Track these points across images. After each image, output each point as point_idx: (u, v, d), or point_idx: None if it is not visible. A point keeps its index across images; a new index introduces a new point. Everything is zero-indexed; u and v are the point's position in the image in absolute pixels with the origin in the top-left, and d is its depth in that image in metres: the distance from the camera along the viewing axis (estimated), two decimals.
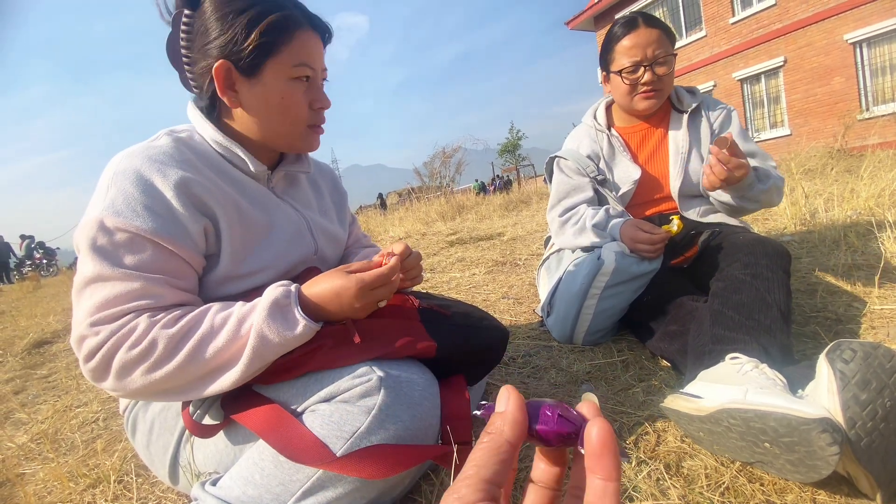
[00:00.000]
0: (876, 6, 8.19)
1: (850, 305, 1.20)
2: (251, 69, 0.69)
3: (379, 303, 0.67)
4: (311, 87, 0.74)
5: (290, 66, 0.70)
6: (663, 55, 1.23)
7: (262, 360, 0.60)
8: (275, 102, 0.71)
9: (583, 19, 13.28)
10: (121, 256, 0.61)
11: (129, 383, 0.60)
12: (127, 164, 0.64)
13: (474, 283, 2.13)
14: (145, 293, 0.62)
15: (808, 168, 4.64)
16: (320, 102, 0.75)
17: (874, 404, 0.57)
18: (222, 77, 0.69)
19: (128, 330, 0.59)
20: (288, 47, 0.69)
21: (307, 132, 0.77)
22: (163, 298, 0.63)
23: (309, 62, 0.72)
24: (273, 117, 0.72)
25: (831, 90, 9.08)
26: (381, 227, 5.54)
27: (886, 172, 2.63)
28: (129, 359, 0.58)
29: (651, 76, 1.24)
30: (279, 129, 0.74)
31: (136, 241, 0.62)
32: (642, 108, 1.30)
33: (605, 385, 1.02)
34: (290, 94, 0.71)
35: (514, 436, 0.24)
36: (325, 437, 0.58)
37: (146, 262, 0.62)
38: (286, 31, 0.69)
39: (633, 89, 1.27)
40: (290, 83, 0.71)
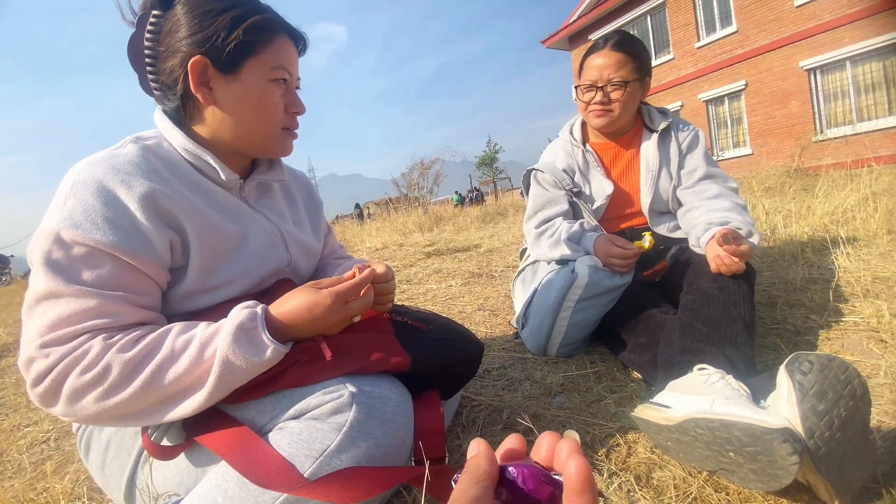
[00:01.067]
0: (827, 36, 8.77)
1: (808, 318, 1.26)
2: (230, 66, 0.68)
3: (353, 318, 0.66)
4: (287, 91, 0.74)
5: (269, 67, 0.70)
6: (619, 79, 1.27)
7: (227, 387, 0.58)
8: (252, 101, 0.70)
9: (558, 38, 13.68)
10: (77, 272, 0.58)
11: (81, 410, 0.56)
12: (88, 173, 0.61)
13: (450, 294, 2.13)
14: (102, 312, 0.58)
15: (767, 186, 4.87)
16: (295, 107, 0.76)
17: (830, 414, 0.59)
18: (197, 72, 0.67)
19: (80, 353, 0.56)
20: (268, 49, 0.69)
21: (282, 135, 0.76)
22: (121, 317, 0.60)
23: (287, 66, 0.72)
24: (249, 116, 0.71)
25: (789, 113, 9.61)
26: (358, 238, 5.49)
27: (839, 191, 2.79)
28: (80, 384, 0.55)
29: (601, 97, 1.29)
30: (254, 129, 0.72)
31: (94, 255, 0.58)
32: (594, 125, 1.36)
33: (578, 396, 1.03)
34: (268, 95, 0.71)
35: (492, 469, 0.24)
36: (293, 455, 0.56)
37: (104, 278, 0.59)
38: (268, 33, 0.69)
39: (587, 106, 1.34)
40: (268, 84, 0.71)
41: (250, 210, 0.78)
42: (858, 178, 3.23)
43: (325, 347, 0.62)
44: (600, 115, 1.32)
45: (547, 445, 0.32)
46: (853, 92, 8.79)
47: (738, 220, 1.13)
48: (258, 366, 0.58)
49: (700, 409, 0.67)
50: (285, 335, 0.63)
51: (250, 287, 0.74)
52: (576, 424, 0.91)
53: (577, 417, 0.93)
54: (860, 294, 1.33)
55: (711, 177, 1.32)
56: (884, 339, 1.07)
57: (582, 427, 0.90)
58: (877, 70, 8.46)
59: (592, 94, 1.30)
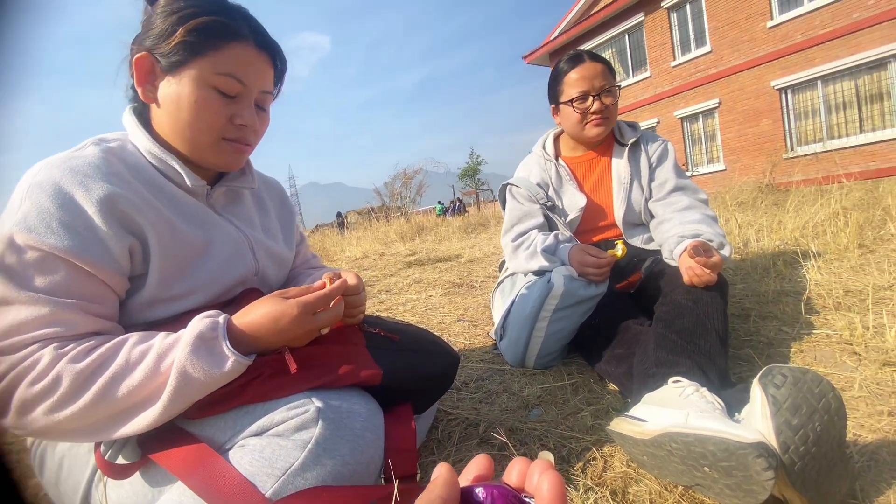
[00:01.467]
0: (798, 57, 9.15)
1: (780, 330, 1.28)
2: (172, 67, 0.65)
3: (322, 329, 0.63)
4: (237, 102, 0.69)
5: (212, 72, 0.65)
6: (608, 86, 1.32)
7: (183, 401, 0.55)
8: (186, 104, 0.66)
9: (539, 55, 13.96)
10: (30, 278, 0.55)
11: (31, 423, 0.53)
12: (45, 175, 0.58)
13: (430, 304, 2.11)
14: (54, 320, 0.55)
15: (740, 201, 5.01)
16: (241, 119, 0.69)
17: (805, 429, 0.59)
18: (141, 69, 0.66)
19: (30, 363, 0.53)
20: (216, 54, 0.65)
21: (221, 144, 0.70)
22: (75, 326, 0.56)
23: (239, 76, 0.67)
24: (183, 119, 0.67)
25: (760, 131, 9.97)
26: (338, 247, 5.42)
27: (809, 206, 2.88)
28: (29, 395, 0.52)
29: (599, 105, 1.32)
30: (186, 134, 0.68)
31: (48, 260, 0.55)
32: (593, 136, 1.36)
33: (555, 409, 1.01)
34: (205, 100, 0.66)
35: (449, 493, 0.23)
36: (254, 474, 0.53)
37: (58, 284, 0.56)
38: (217, 38, 0.65)
39: (584, 117, 1.34)
40: (207, 90, 0.66)
41: (217, 217, 0.75)
42: (829, 193, 3.35)
43: (290, 360, 0.59)
44: (599, 124, 1.34)
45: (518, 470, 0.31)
46: (824, 110, 9.16)
47: (709, 233, 1.14)
48: (217, 378, 0.55)
49: (675, 422, 0.66)
50: (249, 347, 0.60)
51: (215, 297, 0.71)
52: (552, 438, 0.89)
53: (553, 431, 0.92)
54: (832, 307, 1.36)
55: (682, 189, 1.35)
56: (857, 351, 1.08)
57: (558, 441, 0.88)
58: (848, 89, 8.83)
59: (588, 103, 1.32)
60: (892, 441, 0.76)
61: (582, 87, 1.31)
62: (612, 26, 12.20)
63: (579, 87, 1.32)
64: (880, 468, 0.71)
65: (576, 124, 1.37)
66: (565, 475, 0.78)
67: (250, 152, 0.77)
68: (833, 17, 8.61)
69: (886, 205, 2.51)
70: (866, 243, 1.99)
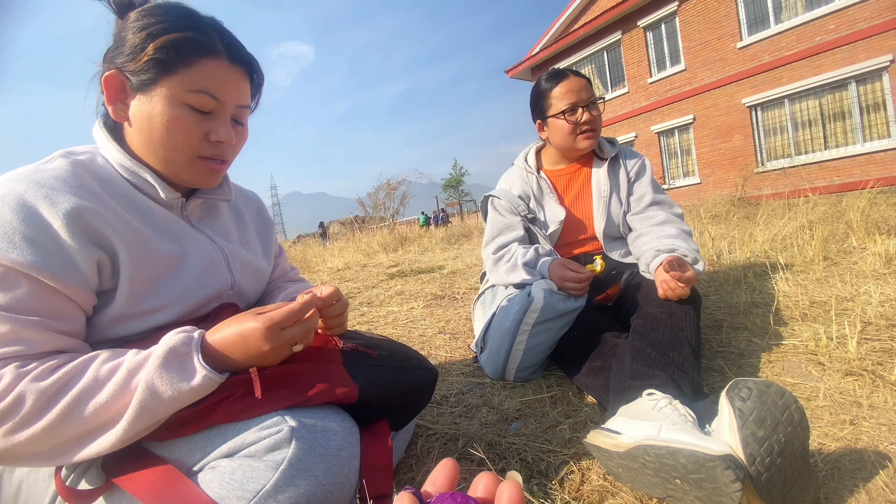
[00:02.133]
0: (766, 76, 9.56)
1: (751, 341, 1.32)
2: (143, 85, 0.64)
3: (294, 346, 0.62)
4: (212, 118, 0.68)
5: (183, 90, 0.64)
6: (593, 98, 1.36)
7: (149, 418, 0.53)
8: (158, 123, 0.65)
9: (521, 69, 14.25)
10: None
11: None
12: (9, 188, 0.56)
13: (412, 317, 2.10)
14: (15, 338, 0.53)
15: (714, 214, 5.17)
16: (217, 135, 0.68)
17: (770, 440, 0.61)
18: (111, 87, 0.65)
19: None
20: (187, 70, 0.64)
21: (196, 163, 0.69)
22: (36, 344, 0.55)
23: (213, 92, 0.66)
24: (156, 138, 0.66)
25: (732, 146, 10.33)
26: (320, 258, 5.37)
27: (778, 220, 2.99)
28: None
29: (588, 116, 1.35)
30: (160, 153, 0.67)
31: (8, 276, 0.54)
32: (583, 147, 1.39)
33: (535, 422, 1.02)
34: (177, 119, 0.65)
35: None
36: (224, 497, 0.52)
37: (19, 300, 0.54)
38: (187, 54, 0.64)
39: (575, 129, 1.37)
40: (180, 107, 0.65)
41: (192, 230, 0.74)
42: (796, 207, 3.48)
43: (256, 382, 0.58)
44: (589, 136, 1.38)
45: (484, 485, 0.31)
46: (791, 127, 9.56)
47: (684, 248, 1.18)
48: (186, 393, 0.54)
49: (648, 435, 0.67)
50: (221, 364, 0.59)
51: (187, 312, 0.69)
52: (531, 452, 0.89)
53: (532, 444, 0.92)
54: (799, 318, 1.41)
55: (658, 203, 1.40)
56: (822, 361, 1.12)
57: (537, 455, 0.88)
58: (813, 107, 9.25)
59: (578, 114, 1.35)
60: (853, 449, 0.79)
61: (570, 99, 1.35)
62: (591, 43, 12.56)
63: (568, 99, 1.35)
64: (843, 476, 0.73)
65: (567, 136, 1.38)
66: (543, 489, 0.78)
67: (226, 168, 0.75)
68: (798, 39, 9.05)
69: (849, 218, 2.62)
70: (830, 255, 2.07)
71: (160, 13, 0.65)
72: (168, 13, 0.66)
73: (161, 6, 0.67)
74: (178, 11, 0.67)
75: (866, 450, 0.78)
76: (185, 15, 0.67)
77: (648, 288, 1.14)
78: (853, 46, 8.40)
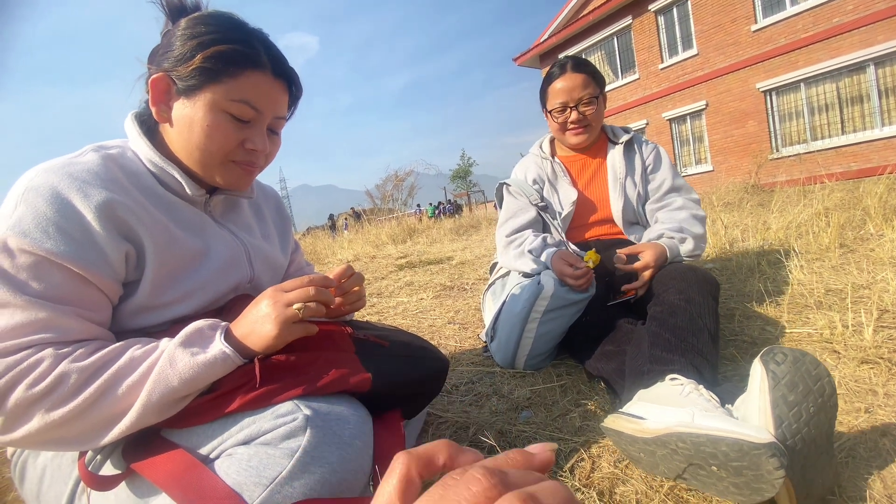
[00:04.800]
0: (782, 60, 9.32)
1: (764, 329, 1.30)
2: (188, 90, 0.66)
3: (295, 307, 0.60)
4: (250, 127, 0.70)
5: (226, 98, 0.66)
6: (588, 96, 1.37)
7: (166, 389, 0.55)
8: (198, 128, 0.67)
9: (529, 57, 14.05)
10: (25, 282, 0.55)
11: (21, 425, 0.53)
12: (43, 179, 0.58)
13: (421, 308, 2.11)
14: (50, 325, 0.55)
15: (727, 201, 5.09)
16: (252, 143, 0.70)
17: (800, 407, 0.60)
18: (157, 89, 0.67)
19: (28, 366, 0.52)
20: (232, 81, 0.66)
21: (230, 166, 0.71)
22: (69, 332, 0.56)
23: (254, 103, 0.68)
24: (194, 142, 0.68)
25: (746, 132, 10.12)
26: (330, 251, 5.40)
27: (793, 207, 2.93)
28: (27, 397, 0.52)
29: (577, 116, 1.38)
30: (196, 156, 0.69)
31: (43, 265, 0.55)
32: (574, 143, 1.44)
33: (544, 411, 1.02)
34: (217, 125, 0.67)
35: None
36: (242, 484, 0.53)
37: (54, 289, 0.56)
38: (234, 66, 0.66)
39: (564, 127, 1.42)
40: (221, 115, 0.67)
41: (215, 225, 0.76)
42: (811, 193, 3.42)
43: (257, 370, 0.59)
44: (579, 133, 1.41)
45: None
46: (807, 112, 9.33)
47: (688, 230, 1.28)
48: (201, 366, 0.56)
49: (681, 421, 0.67)
50: (243, 351, 0.60)
51: (206, 304, 0.71)
52: (541, 440, 0.90)
53: (542, 433, 0.93)
54: (813, 306, 1.39)
55: (677, 189, 1.42)
56: (837, 349, 1.11)
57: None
58: (830, 91, 9.00)
59: (567, 114, 1.39)
60: (868, 438, 0.78)
61: (561, 98, 1.38)
62: (600, 29, 12.32)
63: (559, 98, 1.38)
64: (857, 464, 0.73)
65: (557, 132, 1.45)
66: (553, 477, 0.79)
67: (259, 173, 0.78)
68: (814, 21, 8.79)
69: (866, 205, 2.56)
70: (847, 243, 2.03)
71: (211, 23, 0.67)
72: (219, 23, 0.67)
73: (212, 15, 0.69)
74: (229, 23, 0.68)
75: (881, 438, 0.78)
76: (235, 27, 0.68)
77: (665, 276, 1.14)
78: (872, 28, 8.13)
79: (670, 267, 1.15)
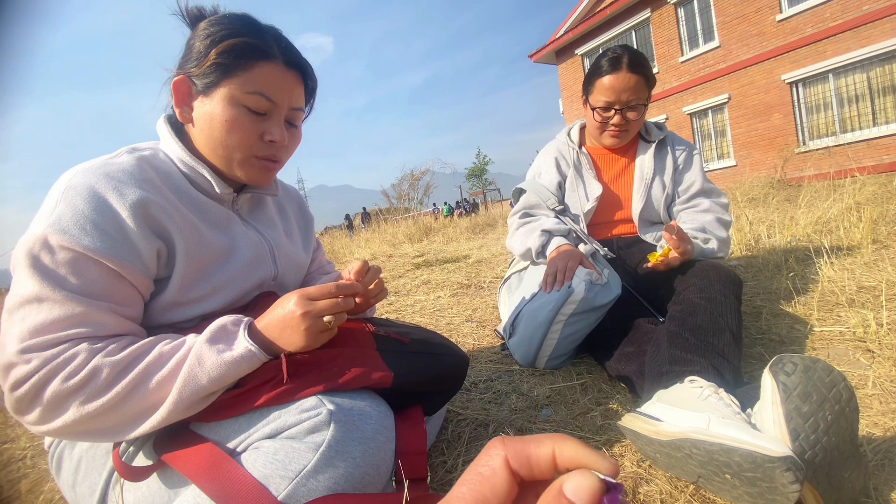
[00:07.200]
0: (809, 50, 9.01)
1: (793, 328, 1.26)
2: (206, 88, 0.68)
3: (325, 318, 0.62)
4: (267, 119, 0.71)
5: (241, 91, 0.68)
6: (636, 101, 1.28)
7: (195, 387, 0.56)
8: (218, 123, 0.69)
9: (545, 53, 13.91)
10: (63, 277, 0.57)
11: (57, 416, 0.55)
12: (81, 179, 0.60)
13: (439, 306, 2.12)
14: (86, 319, 0.57)
15: (751, 197, 4.96)
16: (271, 135, 0.71)
17: (816, 417, 0.58)
18: (178, 91, 0.69)
19: (64, 360, 0.55)
20: (246, 74, 0.68)
21: (252, 161, 0.73)
22: (104, 327, 0.58)
23: (269, 94, 0.69)
24: (216, 138, 0.70)
25: (771, 125, 9.83)
26: (347, 249, 5.46)
27: (822, 202, 2.84)
28: (63, 390, 0.54)
29: (620, 119, 1.30)
30: (219, 152, 0.71)
31: (80, 261, 0.57)
32: (608, 144, 1.40)
33: (565, 409, 1.02)
34: (235, 119, 0.68)
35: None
36: (268, 476, 0.54)
37: (90, 284, 0.58)
38: (246, 58, 0.67)
39: (603, 126, 1.35)
40: (238, 108, 0.68)
41: (242, 223, 0.78)
42: (841, 188, 3.30)
43: (284, 367, 0.60)
44: (615, 136, 1.35)
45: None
46: (836, 104, 9.00)
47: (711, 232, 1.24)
48: (228, 364, 0.57)
49: (696, 427, 0.65)
50: (266, 347, 0.61)
51: (232, 300, 0.73)
52: None
53: (563, 431, 0.92)
54: (845, 303, 1.34)
55: (706, 192, 1.38)
56: (871, 348, 1.07)
57: None
58: (860, 81, 8.66)
59: (610, 114, 1.31)
60: None
61: (608, 96, 1.28)
62: (618, 23, 12.11)
63: (606, 96, 1.29)
64: (893, 467, 0.70)
65: (595, 129, 1.38)
66: None
67: (279, 168, 0.78)
68: (843, 9, 8.47)
69: None
70: (880, 238, 1.96)
71: (224, 22, 0.70)
72: (231, 21, 0.70)
73: (226, 16, 0.71)
74: (241, 20, 0.71)
75: None
76: (246, 23, 0.71)
77: (685, 274, 1.11)
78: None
79: (690, 264, 1.13)
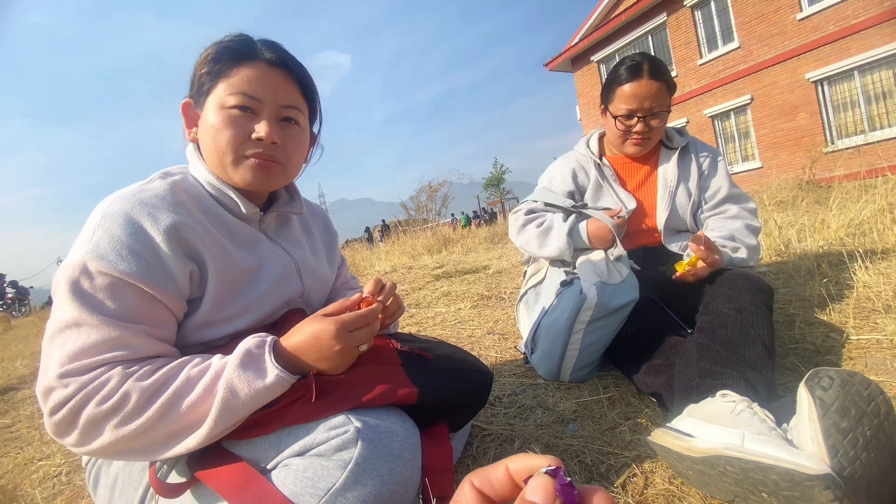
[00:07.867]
0: (832, 48, 8.77)
1: (828, 336, 1.22)
2: (199, 102, 0.73)
3: (360, 347, 0.66)
4: (255, 118, 0.72)
5: (226, 94, 0.70)
6: (658, 108, 1.26)
7: (232, 415, 0.58)
8: (211, 130, 0.71)
9: (560, 61, 13.91)
10: (101, 302, 0.59)
11: (94, 439, 0.57)
12: (117, 206, 0.63)
13: (460, 318, 2.11)
14: (122, 343, 0.59)
15: (779, 200, 4.81)
16: (256, 132, 0.71)
17: (854, 432, 0.56)
18: (185, 114, 0.74)
19: (98, 384, 0.57)
20: (228, 78, 0.70)
21: (243, 161, 0.72)
22: (139, 350, 0.61)
23: (251, 92, 0.70)
24: (210, 146, 0.72)
25: (797, 125, 9.56)
26: (367, 262, 5.51)
27: (854, 203, 2.74)
28: (98, 413, 0.56)
29: (643, 127, 1.28)
30: (215, 160, 0.72)
31: (117, 285, 0.60)
32: (630, 153, 1.37)
33: (592, 424, 1.00)
34: (222, 122, 0.70)
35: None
36: (298, 494, 0.55)
37: (127, 308, 0.60)
38: (229, 63, 0.71)
39: (625, 135, 1.32)
40: (225, 111, 0.70)
41: (269, 242, 0.80)
42: (873, 188, 3.17)
43: (313, 387, 0.61)
44: (639, 143, 1.32)
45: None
46: (863, 101, 8.71)
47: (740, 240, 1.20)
48: (261, 392, 0.58)
49: (730, 444, 0.63)
50: (294, 366, 0.63)
51: (262, 318, 0.74)
52: (590, 454, 0.88)
53: (591, 446, 0.90)
54: (882, 310, 1.29)
55: (733, 198, 1.35)
56: None
57: (596, 457, 0.87)
58: (887, 78, 8.38)
59: (632, 122, 1.28)
60: None
61: (631, 105, 1.26)
62: (634, 28, 12.04)
63: (628, 104, 1.26)
64: None
65: (616, 137, 1.34)
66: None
67: (279, 170, 0.75)
68: (865, 5, 8.24)
69: None
70: None
71: (217, 41, 0.74)
72: (222, 38, 0.74)
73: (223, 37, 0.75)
74: (231, 34, 0.74)
75: None
76: (234, 36, 0.74)
77: (714, 283, 1.08)
78: None
79: (719, 273, 1.09)
